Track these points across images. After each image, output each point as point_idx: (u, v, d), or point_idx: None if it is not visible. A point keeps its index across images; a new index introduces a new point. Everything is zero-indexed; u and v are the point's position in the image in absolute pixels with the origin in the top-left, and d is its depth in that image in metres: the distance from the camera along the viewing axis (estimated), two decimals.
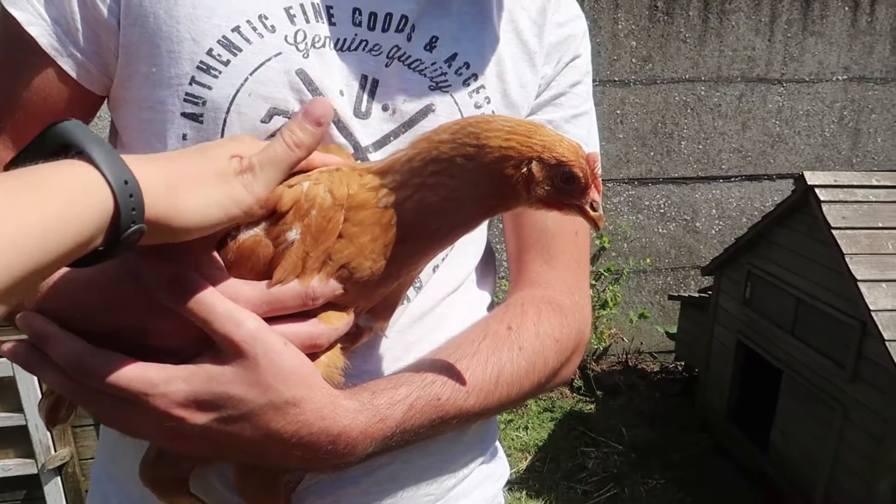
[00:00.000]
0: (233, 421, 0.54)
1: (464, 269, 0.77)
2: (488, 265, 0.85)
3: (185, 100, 0.65)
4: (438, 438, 0.69)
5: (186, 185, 0.48)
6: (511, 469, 0.91)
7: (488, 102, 0.74)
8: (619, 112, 3.81)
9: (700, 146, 3.89)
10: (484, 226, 0.80)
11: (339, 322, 0.58)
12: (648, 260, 3.98)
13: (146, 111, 0.66)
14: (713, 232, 4.02)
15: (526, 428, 3.47)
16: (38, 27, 0.64)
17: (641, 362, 4.10)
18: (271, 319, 0.55)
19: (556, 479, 3.07)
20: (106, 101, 0.72)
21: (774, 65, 3.81)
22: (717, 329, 3.17)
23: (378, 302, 0.63)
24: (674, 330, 3.92)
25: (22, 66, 0.67)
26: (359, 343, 0.64)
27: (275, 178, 0.54)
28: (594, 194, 0.57)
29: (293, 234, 0.55)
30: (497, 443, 0.89)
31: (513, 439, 3.36)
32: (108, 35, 0.65)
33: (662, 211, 3.96)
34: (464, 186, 0.56)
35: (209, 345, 0.54)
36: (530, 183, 0.55)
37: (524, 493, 2.97)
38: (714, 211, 4.00)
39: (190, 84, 0.64)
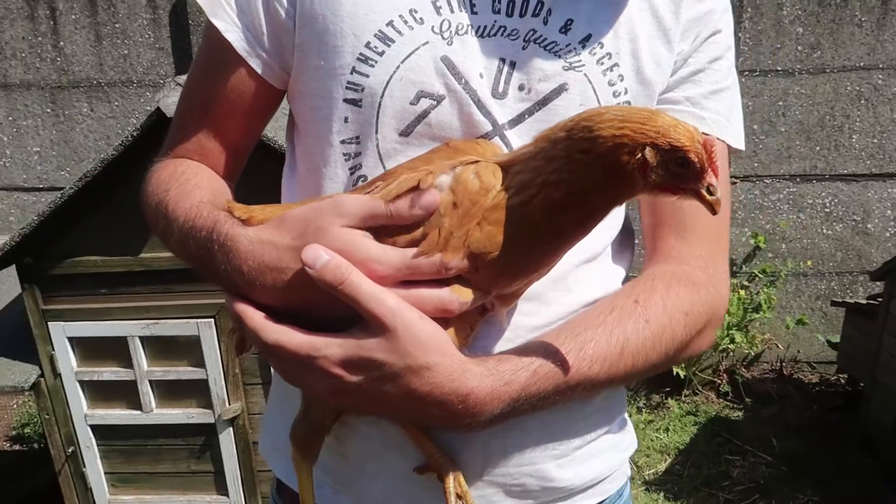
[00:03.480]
0: (379, 381, 0.63)
1: (598, 242, 0.81)
2: (625, 242, 0.88)
3: (346, 87, 0.75)
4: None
5: None
6: (650, 470, 0.93)
7: (622, 80, 0.77)
8: (780, 104, 3.59)
9: (875, 140, 3.57)
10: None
11: (467, 297, 0.64)
12: (809, 262, 3.71)
13: (316, 99, 0.77)
14: (887, 234, 3.68)
15: (667, 430, 3.37)
16: (233, 34, 0.78)
17: (798, 371, 3.84)
18: (410, 283, 0.64)
19: (697, 484, 2.97)
20: (286, 95, 0.84)
21: None
22: (887, 339, 2.91)
23: (509, 293, 0.69)
24: (836, 339, 3.63)
25: (221, 66, 0.81)
26: (480, 322, 0.71)
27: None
28: (711, 178, 0.58)
29: (443, 218, 0.63)
30: (626, 415, 0.92)
31: (652, 440, 3.28)
32: (287, 37, 0.77)
33: (828, 210, 3.68)
34: (584, 180, 0.59)
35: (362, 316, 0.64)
36: (646, 169, 0.58)
37: (662, 495, 2.90)
38: (889, 212, 3.65)
39: (351, 73, 0.74)
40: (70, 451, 1.93)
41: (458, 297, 0.64)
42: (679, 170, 0.58)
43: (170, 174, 0.80)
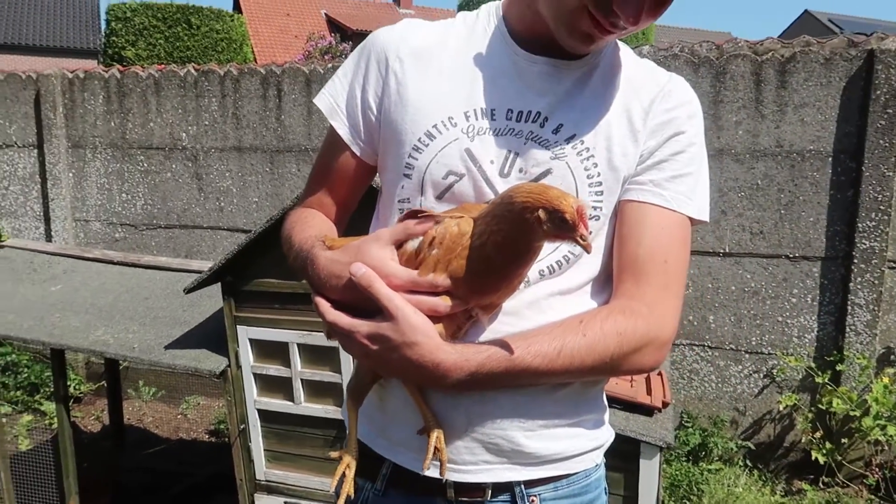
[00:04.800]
0: (387, 350, 0.90)
1: (572, 280, 1.02)
2: (605, 288, 1.08)
3: (405, 166, 1.02)
4: (530, 389, 0.97)
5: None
6: None
7: (595, 167, 1.01)
8: None
9: None
10: (598, 254, 1.05)
11: (449, 303, 0.91)
12: None
13: (389, 174, 1.07)
14: None
15: None
16: (343, 129, 1.12)
17: None
18: (414, 293, 0.90)
19: None
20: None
21: None
22: None
23: (487, 304, 0.94)
24: None
25: (334, 149, 1.13)
26: (468, 325, 0.96)
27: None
28: (582, 230, 0.81)
29: (434, 251, 0.92)
30: (605, 416, 1.11)
31: None
32: (375, 132, 1.10)
33: None
34: (510, 229, 0.84)
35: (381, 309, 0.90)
36: (540, 223, 0.82)
37: None
38: None
39: (408, 158, 1.02)
40: (241, 427, 2.39)
41: (444, 302, 0.90)
42: (561, 224, 0.82)
43: (298, 217, 1.13)
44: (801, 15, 27.03)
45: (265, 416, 2.42)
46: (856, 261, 3.53)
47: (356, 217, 1.23)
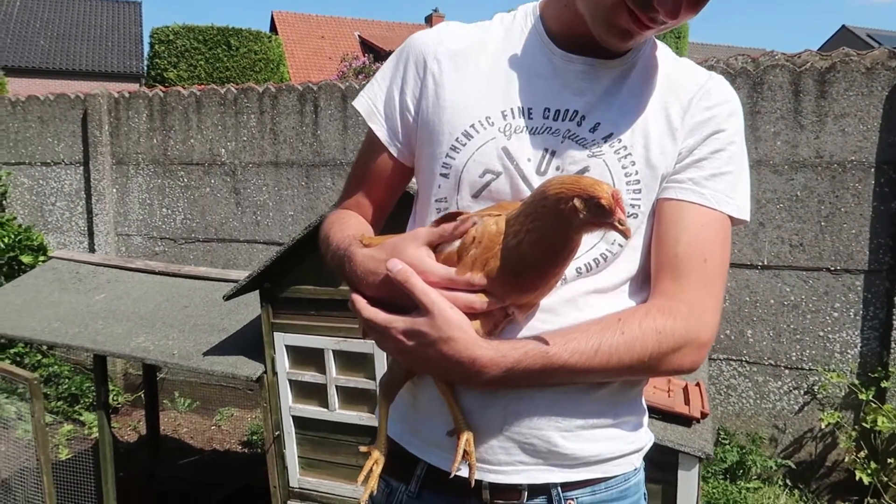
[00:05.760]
0: (424, 346, 0.89)
1: (609, 279, 1.02)
2: (644, 286, 1.07)
3: (441, 166, 1.02)
4: (567, 388, 0.95)
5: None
6: None
7: (633, 164, 1.00)
8: None
9: None
10: (636, 251, 1.05)
11: (486, 300, 0.90)
12: None
13: (425, 174, 1.06)
14: None
15: None
16: (381, 131, 1.13)
17: None
18: (451, 290, 0.89)
19: None
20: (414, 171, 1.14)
21: None
22: None
23: (524, 302, 0.93)
24: None
25: (372, 151, 1.14)
26: (504, 322, 0.94)
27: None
28: (620, 215, 0.80)
29: (473, 250, 0.92)
30: (644, 420, 1.09)
31: None
32: (413, 134, 1.11)
33: None
34: (546, 223, 0.83)
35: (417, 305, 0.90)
36: (576, 212, 0.80)
37: None
38: None
39: (445, 157, 1.02)
40: (276, 434, 2.42)
41: (481, 299, 0.90)
42: (597, 210, 0.80)
43: (336, 218, 1.14)
44: (838, 30, 26.66)
45: (300, 422, 2.44)
46: None
47: (392, 220, 1.25)
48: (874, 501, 3.42)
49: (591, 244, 1.01)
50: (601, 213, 0.81)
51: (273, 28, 23.47)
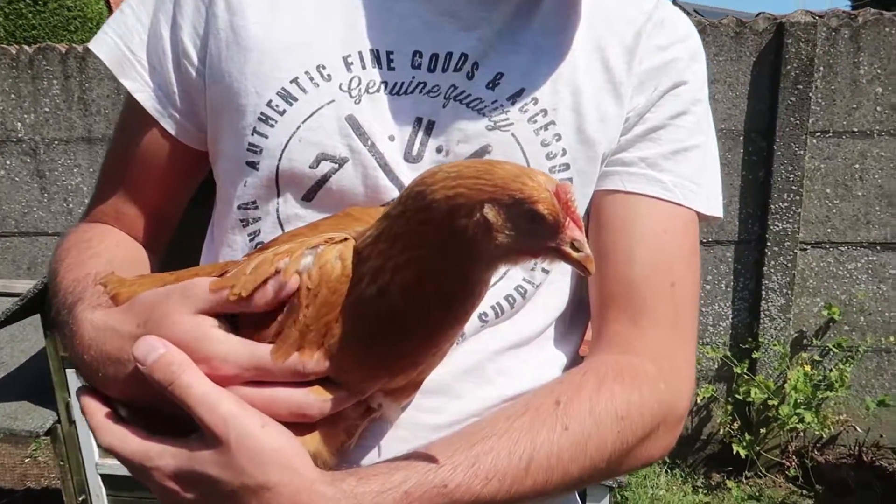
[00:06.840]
0: (215, 500, 0.55)
1: (528, 326, 0.71)
2: (578, 320, 0.77)
3: (247, 149, 0.69)
4: None
5: None
6: None
7: (558, 140, 0.69)
8: (857, 167, 3.35)
9: None
10: (566, 275, 0.74)
11: (329, 395, 0.55)
12: (892, 338, 3.38)
13: (227, 162, 0.72)
14: None
15: None
16: (143, 93, 0.73)
17: (880, 458, 3.46)
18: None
19: None
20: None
21: None
22: None
23: (396, 387, 0.59)
24: None
25: (134, 129, 0.76)
26: (364, 425, 0.62)
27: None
28: (572, 231, 0.47)
29: (301, 310, 0.54)
30: None
31: None
32: (199, 94, 0.72)
33: None
34: (432, 254, 0.50)
35: None
36: (489, 231, 0.47)
37: None
38: None
39: (252, 135, 0.68)
40: (81, 499, 1.94)
41: (319, 398, 0.55)
42: (530, 226, 0.47)
43: (74, 241, 0.76)
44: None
45: (112, 482, 1.98)
46: (769, 244, 3.43)
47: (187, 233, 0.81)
48: (751, 474, 3.43)
49: (499, 274, 0.66)
50: (539, 231, 0.48)
51: None
